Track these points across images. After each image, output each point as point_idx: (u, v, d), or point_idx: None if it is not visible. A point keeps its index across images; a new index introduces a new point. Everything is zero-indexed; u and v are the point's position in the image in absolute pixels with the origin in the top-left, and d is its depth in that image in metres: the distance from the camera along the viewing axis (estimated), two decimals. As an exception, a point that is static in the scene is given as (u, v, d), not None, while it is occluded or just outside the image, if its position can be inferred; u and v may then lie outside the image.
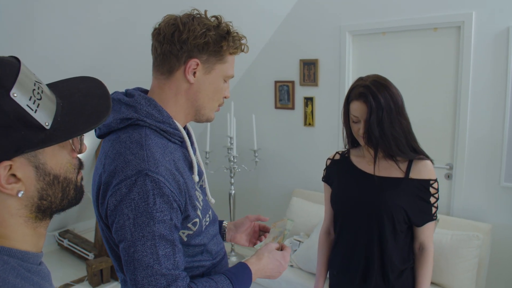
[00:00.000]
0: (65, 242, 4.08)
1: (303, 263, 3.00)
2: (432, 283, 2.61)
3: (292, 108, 3.75)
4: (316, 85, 3.56)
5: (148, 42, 3.10)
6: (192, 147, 1.20)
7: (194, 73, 1.11)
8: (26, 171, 0.66)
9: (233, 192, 3.88)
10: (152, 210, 0.97)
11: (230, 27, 1.14)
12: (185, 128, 1.22)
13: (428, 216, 1.61)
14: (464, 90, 2.86)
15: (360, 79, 1.62)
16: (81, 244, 3.97)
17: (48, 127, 0.66)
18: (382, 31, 3.18)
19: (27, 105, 0.64)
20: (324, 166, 1.86)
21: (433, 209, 1.61)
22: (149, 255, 0.96)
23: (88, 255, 3.83)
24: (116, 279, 3.62)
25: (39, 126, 0.65)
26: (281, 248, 1.28)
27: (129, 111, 1.08)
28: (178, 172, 1.07)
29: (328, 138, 3.58)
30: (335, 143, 3.53)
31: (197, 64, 1.10)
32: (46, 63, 2.54)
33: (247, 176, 4.12)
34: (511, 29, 2.62)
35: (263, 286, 3.07)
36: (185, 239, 1.10)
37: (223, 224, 1.46)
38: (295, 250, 3.13)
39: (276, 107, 3.86)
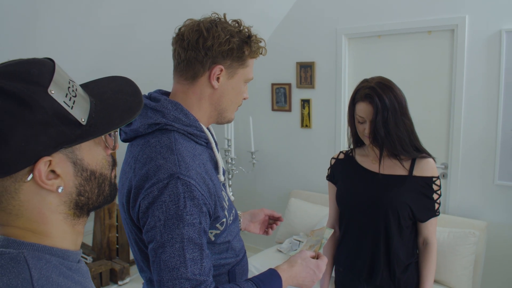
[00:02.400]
0: (63, 246, 4.07)
1: (294, 251, 3.05)
2: (430, 279, 2.67)
3: (289, 110, 3.81)
4: (313, 87, 3.62)
5: (149, 46, 3.13)
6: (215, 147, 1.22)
7: (218, 78, 1.14)
8: (65, 167, 0.68)
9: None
10: (183, 212, 0.98)
11: (251, 31, 1.17)
12: (207, 129, 1.25)
13: (432, 212, 1.67)
14: (458, 92, 2.94)
15: (365, 80, 1.67)
16: (79, 247, 3.97)
17: (84, 123, 0.68)
18: (378, 34, 3.26)
19: (64, 101, 0.65)
20: (323, 167, 1.91)
21: (436, 205, 1.67)
22: (176, 257, 0.97)
23: (86, 259, 3.82)
24: (115, 282, 3.62)
25: (76, 122, 0.67)
26: (317, 257, 1.25)
27: (156, 116, 1.09)
28: (207, 175, 1.09)
29: (325, 140, 3.64)
30: (332, 145, 3.58)
31: (221, 70, 1.13)
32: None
33: (244, 178, 4.15)
34: (503, 32, 2.70)
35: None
36: (213, 238, 1.12)
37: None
38: (295, 250, 3.17)
39: (273, 109, 3.91)
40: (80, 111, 0.68)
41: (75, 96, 0.68)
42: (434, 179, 1.66)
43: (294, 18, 3.63)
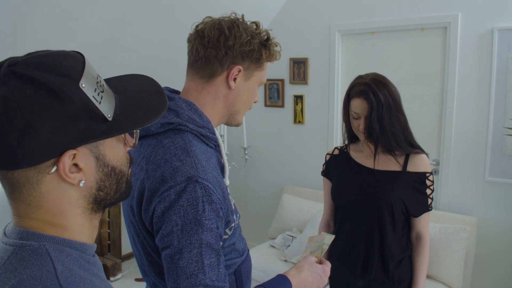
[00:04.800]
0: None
1: (296, 257, 3.06)
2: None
3: (282, 106, 3.81)
4: (306, 83, 3.63)
5: (144, 42, 3.08)
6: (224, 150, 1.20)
7: (235, 79, 1.11)
8: (88, 161, 0.68)
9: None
10: (201, 217, 0.95)
11: (269, 33, 1.15)
12: None
13: (424, 207, 1.69)
14: (450, 89, 2.96)
15: (360, 77, 1.68)
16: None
17: (110, 119, 0.68)
18: (371, 31, 3.27)
19: (93, 96, 0.65)
20: (316, 163, 1.93)
21: (429, 200, 1.69)
22: (194, 263, 0.94)
23: (78, 254, 3.81)
24: (107, 278, 3.60)
25: (102, 118, 0.66)
26: (320, 263, 1.26)
27: (171, 116, 1.06)
28: (220, 178, 1.06)
29: (318, 136, 3.64)
30: (325, 141, 3.59)
31: (239, 71, 1.10)
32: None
33: (237, 173, 4.15)
34: (495, 30, 2.73)
35: (256, 281, 3.11)
36: (221, 243, 1.08)
37: None
38: (289, 245, 3.19)
39: (266, 105, 3.91)
40: (107, 107, 0.68)
41: (103, 92, 0.68)
42: (427, 174, 1.68)
43: (288, 14, 3.63)
